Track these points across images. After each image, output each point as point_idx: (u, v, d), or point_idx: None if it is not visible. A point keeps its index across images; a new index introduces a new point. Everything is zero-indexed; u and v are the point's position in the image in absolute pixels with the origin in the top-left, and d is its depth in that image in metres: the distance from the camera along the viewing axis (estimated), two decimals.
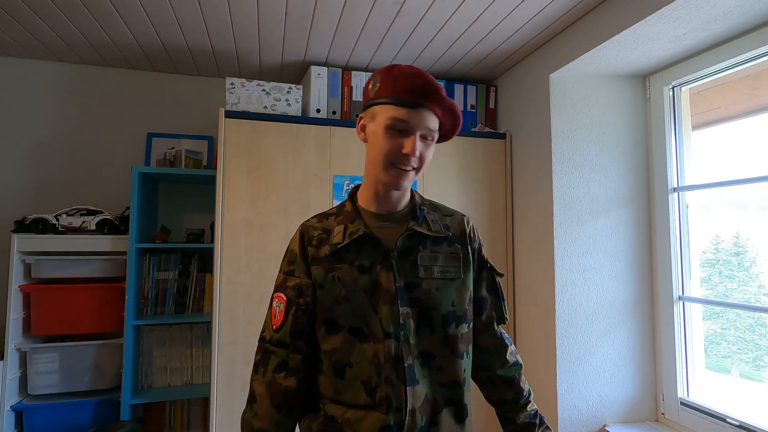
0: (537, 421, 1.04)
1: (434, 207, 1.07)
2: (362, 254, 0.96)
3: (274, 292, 1.01)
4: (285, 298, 0.98)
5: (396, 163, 0.93)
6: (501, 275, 1.08)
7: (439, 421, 0.93)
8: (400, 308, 0.93)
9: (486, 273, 1.07)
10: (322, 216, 1.04)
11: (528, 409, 1.05)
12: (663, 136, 1.91)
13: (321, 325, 0.96)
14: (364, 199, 1.02)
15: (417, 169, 0.95)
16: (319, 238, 1.00)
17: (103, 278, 2.15)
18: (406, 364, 0.91)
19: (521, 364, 1.08)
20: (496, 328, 1.07)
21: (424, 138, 0.94)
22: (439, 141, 1.01)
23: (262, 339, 1.00)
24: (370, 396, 0.91)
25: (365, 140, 0.99)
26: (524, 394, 1.06)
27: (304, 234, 1.02)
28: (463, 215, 1.08)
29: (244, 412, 0.97)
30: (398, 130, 0.92)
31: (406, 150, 0.91)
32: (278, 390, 0.94)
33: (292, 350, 0.97)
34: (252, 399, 0.96)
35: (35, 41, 2.08)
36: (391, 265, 0.94)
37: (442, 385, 0.95)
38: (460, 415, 0.96)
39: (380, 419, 0.89)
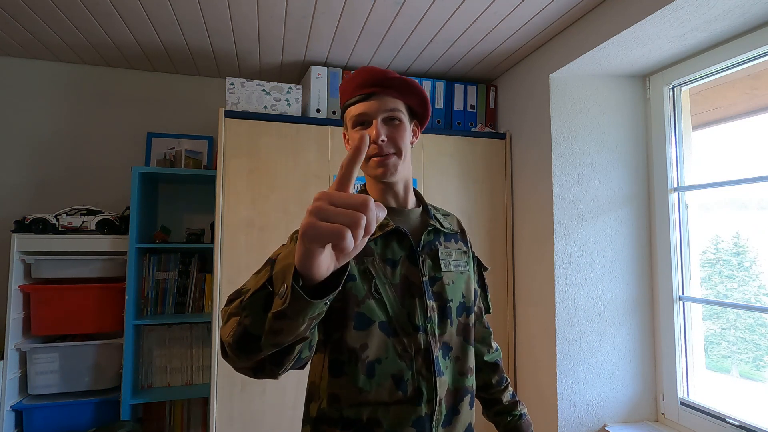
0: (517, 400, 1.16)
1: (435, 208, 1.12)
2: (389, 248, 0.97)
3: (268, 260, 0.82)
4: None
5: (371, 155, 0.96)
6: (486, 269, 1.17)
7: (460, 410, 0.97)
8: (428, 301, 0.96)
9: (476, 267, 1.14)
10: None
11: (509, 389, 1.17)
12: (663, 136, 1.91)
13: (349, 321, 0.91)
14: (375, 197, 1.03)
15: (397, 154, 0.96)
16: None
17: (103, 278, 2.15)
18: (434, 356, 0.94)
19: (500, 350, 1.22)
20: (483, 317, 1.18)
21: (390, 120, 0.96)
22: (421, 124, 1.05)
23: (233, 296, 0.74)
24: (401, 390, 0.90)
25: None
26: (505, 376, 1.18)
27: None
28: (455, 215, 1.17)
29: (226, 306, 0.72)
30: (361, 123, 0.96)
31: (372, 137, 0.94)
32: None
33: None
34: (230, 314, 0.70)
35: (35, 41, 2.08)
36: (418, 259, 0.97)
37: (461, 374, 0.99)
38: (472, 401, 1.01)
39: (412, 411, 0.90)
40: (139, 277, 2.13)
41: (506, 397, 1.14)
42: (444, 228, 1.05)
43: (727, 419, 1.61)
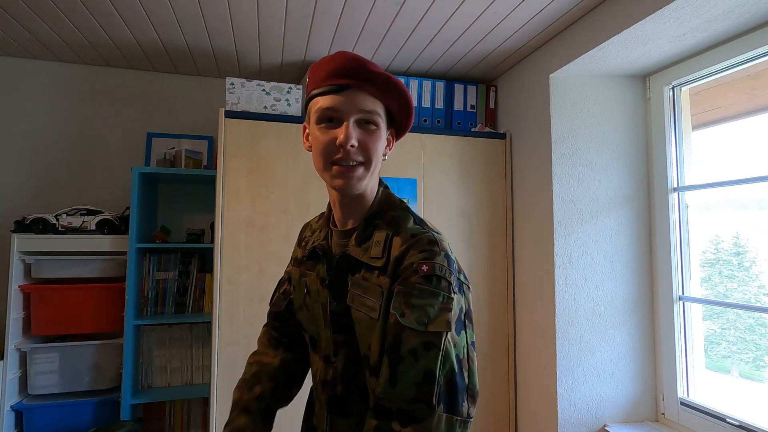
0: None
1: (394, 221, 0.83)
2: (321, 266, 0.88)
3: None
4: (280, 279, 1.07)
5: (335, 160, 0.78)
6: (432, 332, 0.70)
7: None
8: (334, 334, 0.83)
9: (391, 316, 0.73)
10: (320, 215, 0.99)
11: None
12: (663, 136, 1.91)
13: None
14: (334, 210, 0.90)
15: (365, 165, 0.79)
16: (307, 240, 0.96)
17: (103, 278, 2.15)
18: (336, 392, 0.83)
19: None
20: (386, 392, 0.70)
21: (364, 123, 0.79)
22: (399, 133, 0.89)
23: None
24: (313, 404, 0.96)
25: (310, 149, 0.85)
26: None
27: (300, 233, 1.03)
28: (418, 236, 0.78)
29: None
30: (329, 120, 0.78)
31: (339, 139, 0.76)
32: (256, 353, 1.05)
33: (270, 326, 1.05)
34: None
35: (35, 41, 2.08)
36: (331, 285, 0.84)
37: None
38: None
39: (314, 428, 0.94)
40: (139, 277, 2.13)
41: None
42: (365, 257, 0.80)
43: (727, 419, 1.61)
